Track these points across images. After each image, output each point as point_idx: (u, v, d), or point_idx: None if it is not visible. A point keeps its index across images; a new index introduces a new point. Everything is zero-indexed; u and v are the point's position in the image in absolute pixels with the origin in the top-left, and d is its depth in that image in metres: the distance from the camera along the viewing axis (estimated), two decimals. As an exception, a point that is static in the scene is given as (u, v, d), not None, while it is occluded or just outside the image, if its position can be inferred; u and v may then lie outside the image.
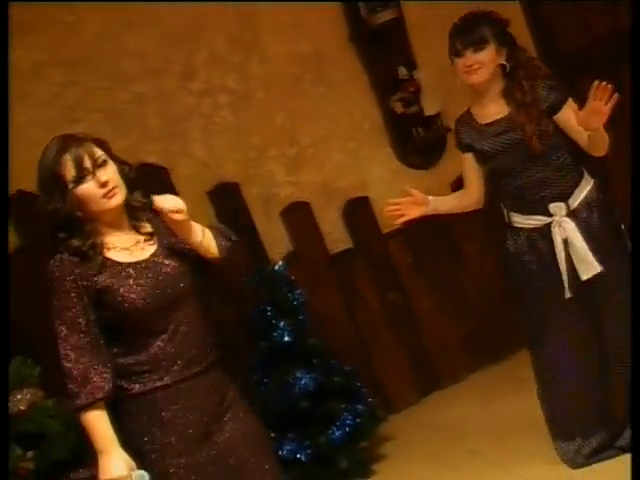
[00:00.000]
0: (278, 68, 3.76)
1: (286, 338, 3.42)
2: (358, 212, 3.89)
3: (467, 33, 2.69)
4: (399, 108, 3.79)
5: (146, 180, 2.51)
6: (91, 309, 2.05)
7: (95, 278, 2.04)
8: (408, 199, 2.69)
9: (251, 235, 3.70)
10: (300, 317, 3.50)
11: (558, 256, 2.78)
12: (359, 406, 3.51)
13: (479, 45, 2.66)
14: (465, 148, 2.79)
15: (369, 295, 3.89)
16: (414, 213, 2.68)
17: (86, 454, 2.57)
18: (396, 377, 3.92)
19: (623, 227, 2.77)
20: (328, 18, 3.80)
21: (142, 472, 2.02)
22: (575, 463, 2.86)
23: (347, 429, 3.44)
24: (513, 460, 3.04)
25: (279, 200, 3.79)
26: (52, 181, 2.09)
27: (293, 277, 3.54)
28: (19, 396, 2.94)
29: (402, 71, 3.74)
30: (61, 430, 2.92)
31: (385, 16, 3.65)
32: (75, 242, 2.08)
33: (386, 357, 3.91)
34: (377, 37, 3.73)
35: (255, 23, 3.68)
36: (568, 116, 2.66)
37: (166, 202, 2.05)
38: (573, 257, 2.76)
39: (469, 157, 2.80)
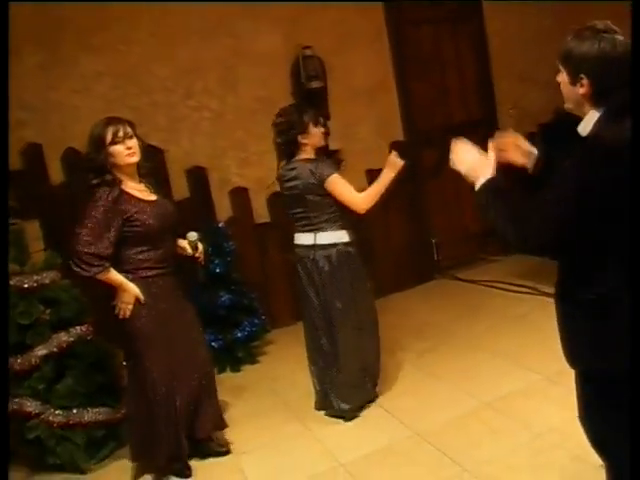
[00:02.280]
0: (244, 102, 5.11)
1: (217, 270, 4.49)
2: (277, 200, 4.90)
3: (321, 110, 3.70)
4: None
5: (152, 155, 3.56)
6: (112, 226, 2.85)
7: (122, 207, 2.89)
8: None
9: (208, 203, 5.00)
10: (229, 259, 4.58)
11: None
12: (255, 320, 4.66)
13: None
14: None
15: (274, 253, 5.21)
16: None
17: (84, 317, 3.62)
18: (281, 305, 5.21)
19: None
20: (282, 78, 5.19)
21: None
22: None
23: (246, 333, 4.58)
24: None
25: (230, 184, 5.12)
26: (97, 141, 2.93)
27: (230, 233, 4.66)
28: (44, 274, 3.49)
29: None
30: (68, 299, 3.57)
31: (316, 84, 5.11)
32: (99, 180, 2.93)
33: (277, 293, 5.23)
34: (309, 96, 5.06)
35: (236, 72, 5.07)
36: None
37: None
38: None
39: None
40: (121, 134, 2.95)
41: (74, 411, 3.41)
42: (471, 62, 6.16)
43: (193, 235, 3.16)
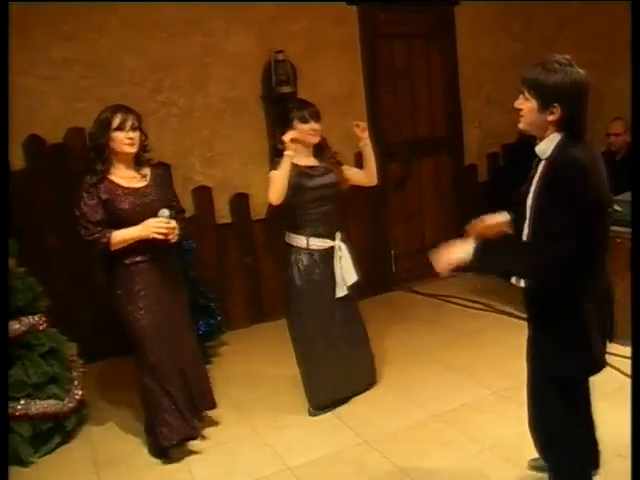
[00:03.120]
0: (212, 102, 5.08)
1: None
2: (240, 202, 5.21)
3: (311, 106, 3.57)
4: (280, 146, 4.52)
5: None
6: (98, 209, 3.02)
7: (101, 193, 3.04)
8: None
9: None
10: (188, 257, 4.48)
11: (336, 271, 3.60)
12: (212, 320, 4.60)
13: (320, 118, 3.58)
14: None
15: (234, 255, 5.24)
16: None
17: (38, 306, 3.56)
18: (237, 308, 5.26)
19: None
20: (253, 80, 5.18)
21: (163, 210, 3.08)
22: None
23: (200, 332, 4.43)
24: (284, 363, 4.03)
25: (193, 182, 5.07)
26: (104, 123, 3.07)
27: (190, 232, 4.33)
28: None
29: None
30: (23, 287, 3.51)
31: (285, 89, 5.09)
32: (96, 164, 3.07)
33: (234, 295, 5.25)
34: (278, 100, 5.03)
35: (207, 71, 5.04)
36: (348, 168, 3.78)
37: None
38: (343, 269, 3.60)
39: None
40: (128, 124, 3.08)
41: (21, 402, 3.34)
42: (441, 80, 6.24)
43: (164, 212, 3.12)
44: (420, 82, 6.15)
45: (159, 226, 3.06)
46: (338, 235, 3.69)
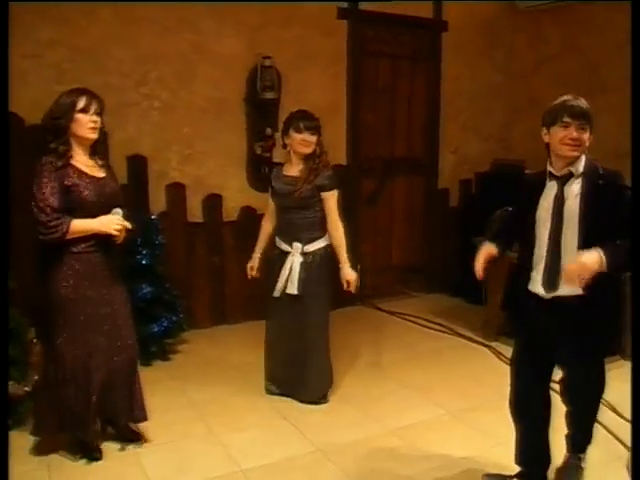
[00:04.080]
0: (196, 100, 5.07)
1: (144, 262, 4.43)
2: (213, 203, 5.20)
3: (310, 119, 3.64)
4: (259, 151, 5.21)
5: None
6: (58, 194, 2.87)
7: (62, 174, 2.90)
8: None
9: (144, 194, 4.92)
10: (157, 252, 4.51)
11: (282, 273, 3.76)
12: (174, 317, 4.60)
13: (317, 132, 3.65)
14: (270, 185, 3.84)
15: (202, 254, 5.21)
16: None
17: None
18: (201, 307, 5.23)
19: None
20: (238, 83, 5.18)
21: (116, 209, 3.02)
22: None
23: (162, 328, 4.52)
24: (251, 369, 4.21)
25: (168, 178, 5.04)
26: (67, 105, 2.95)
27: (161, 227, 4.58)
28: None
29: (268, 131, 5.19)
30: None
31: (269, 95, 5.14)
32: (55, 145, 2.92)
33: (199, 294, 5.22)
34: (261, 105, 5.15)
35: (193, 68, 5.03)
36: (327, 198, 3.70)
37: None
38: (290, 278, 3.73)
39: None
40: (93, 107, 3.00)
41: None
42: (422, 102, 6.34)
43: (119, 211, 3.08)
44: (401, 102, 6.24)
45: (119, 224, 3.02)
46: (296, 246, 3.77)
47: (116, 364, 3.19)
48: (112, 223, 3.01)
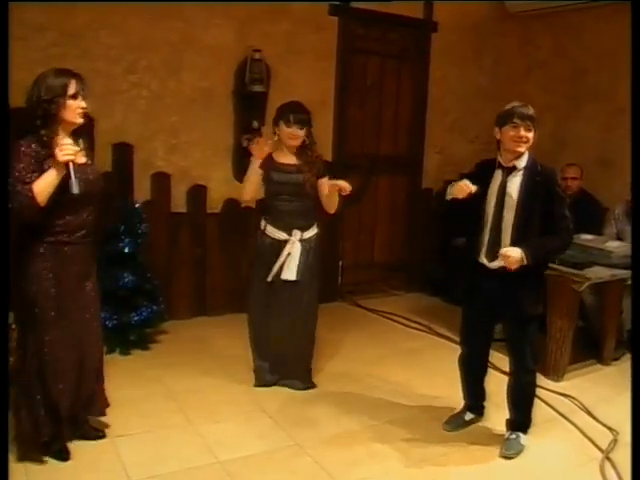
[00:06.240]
0: (184, 90, 5.06)
1: (126, 250, 4.43)
2: (197, 193, 5.19)
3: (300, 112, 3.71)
4: (245, 144, 5.11)
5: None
6: (35, 176, 2.73)
7: (44, 162, 2.77)
8: None
9: (128, 182, 4.89)
10: (139, 240, 4.50)
11: (279, 259, 3.81)
12: (154, 306, 4.59)
13: (306, 125, 3.72)
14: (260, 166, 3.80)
15: (184, 245, 5.18)
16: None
17: None
18: (181, 298, 5.20)
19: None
20: (227, 75, 5.18)
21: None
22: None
23: (142, 317, 4.52)
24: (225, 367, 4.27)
25: (153, 167, 5.02)
26: (57, 89, 2.81)
27: (144, 216, 4.57)
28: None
29: (255, 124, 5.19)
30: None
31: (258, 88, 5.13)
32: (43, 131, 2.79)
33: (180, 285, 5.20)
34: (249, 98, 5.14)
35: (182, 58, 5.01)
36: (323, 184, 3.83)
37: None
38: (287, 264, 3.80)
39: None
40: (81, 92, 2.89)
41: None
42: (409, 101, 6.37)
43: (67, 141, 2.84)
44: (389, 100, 6.26)
45: (66, 150, 2.76)
46: (296, 233, 3.84)
47: (85, 358, 3.12)
48: (60, 153, 2.75)
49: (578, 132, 6.02)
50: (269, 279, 3.89)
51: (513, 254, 3.07)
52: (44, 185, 2.75)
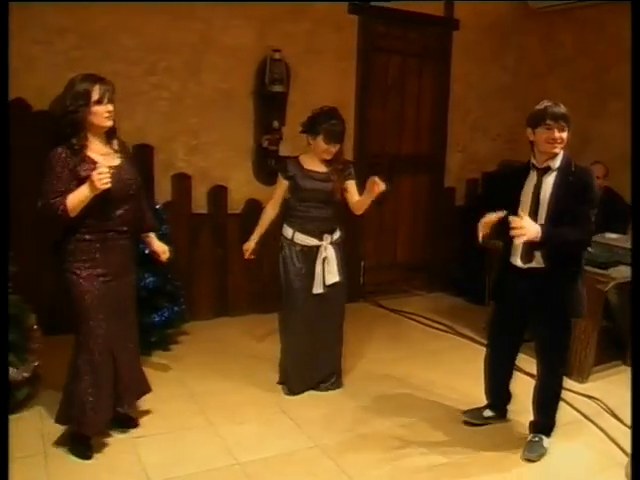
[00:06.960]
0: (205, 91, 5.07)
1: (147, 251, 4.00)
2: (218, 194, 5.20)
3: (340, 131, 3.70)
4: (265, 144, 5.19)
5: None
6: (70, 184, 2.85)
7: (78, 168, 2.88)
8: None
9: (149, 183, 4.79)
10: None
11: (317, 267, 3.81)
12: (175, 307, 4.59)
13: (342, 140, 3.75)
14: (286, 178, 3.81)
15: (205, 246, 5.21)
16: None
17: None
18: (203, 299, 5.23)
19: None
20: (247, 75, 5.18)
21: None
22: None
23: (164, 318, 4.51)
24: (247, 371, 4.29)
25: (174, 168, 5.05)
26: (83, 96, 2.89)
27: (165, 217, 4.57)
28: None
29: (275, 124, 5.18)
30: None
31: (278, 89, 5.12)
32: (74, 140, 2.88)
33: (201, 285, 5.22)
34: (269, 98, 5.14)
35: (202, 59, 5.02)
36: (352, 185, 3.87)
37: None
38: (327, 269, 3.81)
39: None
40: (107, 96, 2.95)
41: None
42: (430, 100, 6.31)
43: (99, 165, 2.92)
44: (410, 99, 6.21)
45: (102, 177, 2.83)
46: (327, 237, 3.86)
47: (128, 352, 3.26)
48: (97, 180, 2.83)
49: (602, 130, 5.92)
50: (318, 291, 3.87)
51: (528, 225, 2.98)
52: (77, 202, 2.86)
